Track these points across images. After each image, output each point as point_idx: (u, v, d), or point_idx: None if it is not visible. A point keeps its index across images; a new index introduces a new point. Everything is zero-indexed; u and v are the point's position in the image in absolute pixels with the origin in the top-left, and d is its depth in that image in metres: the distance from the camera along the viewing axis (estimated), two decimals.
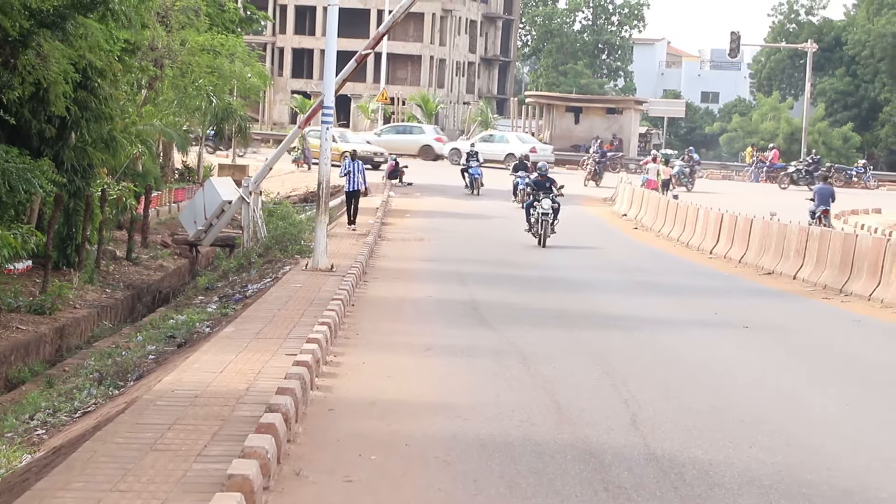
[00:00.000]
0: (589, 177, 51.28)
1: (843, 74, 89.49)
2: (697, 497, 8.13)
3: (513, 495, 8.00)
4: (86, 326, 20.95)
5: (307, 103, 68.65)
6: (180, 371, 11.18)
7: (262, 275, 22.24)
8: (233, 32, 43.74)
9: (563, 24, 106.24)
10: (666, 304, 19.24)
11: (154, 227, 33.28)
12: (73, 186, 23.66)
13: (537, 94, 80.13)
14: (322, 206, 20.72)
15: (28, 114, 21.75)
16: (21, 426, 13.16)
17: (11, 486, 8.79)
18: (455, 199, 40.52)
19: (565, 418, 10.33)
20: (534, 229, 28.16)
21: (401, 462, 8.71)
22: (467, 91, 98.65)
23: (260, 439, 7.93)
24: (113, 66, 24.07)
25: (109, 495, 7.07)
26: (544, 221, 27.91)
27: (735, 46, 66.81)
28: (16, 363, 17.60)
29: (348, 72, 25.63)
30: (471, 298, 18.63)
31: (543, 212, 27.98)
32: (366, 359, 12.85)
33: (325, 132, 21.26)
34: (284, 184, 48.69)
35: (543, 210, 27.98)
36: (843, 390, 12.64)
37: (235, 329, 13.95)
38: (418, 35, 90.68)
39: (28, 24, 19.68)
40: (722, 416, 10.80)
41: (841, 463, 9.33)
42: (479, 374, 12.31)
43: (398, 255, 24.74)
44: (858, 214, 42.80)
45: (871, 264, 21.18)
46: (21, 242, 18.68)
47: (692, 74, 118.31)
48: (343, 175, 29.55)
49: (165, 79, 37.98)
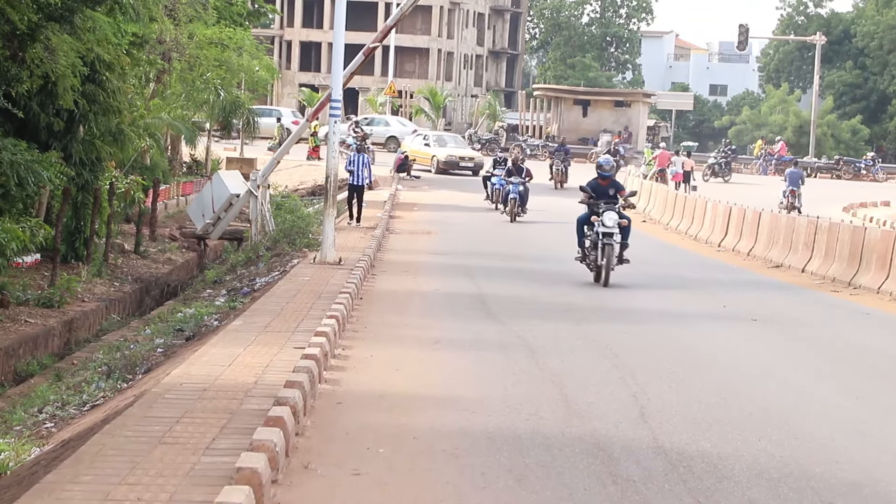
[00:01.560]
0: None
1: (851, 67, 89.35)
2: (706, 490, 8.12)
3: (521, 488, 8.00)
4: (94, 320, 20.98)
5: (315, 96, 68.63)
6: (189, 364, 11.18)
7: (271, 268, 22.24)
8: (241, 26, 43.69)
9: (571, 17, 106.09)
10: (674, 298, 19.22)
11: (162, 220, 33.30)
12: (82, 180, 23.69)
13: (545, 87, 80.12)
14: (330, 199, 20.71)
15: (36, 107, 21.78)
16: (30, 419, 13.19)
17: (20, 478, 8.80)
18: (463, 193, 40.51)
19: (573, 411, 10.32)
20: (590, 258, 19.59)
21: (409, 455, 8.71)
22: (475, 84, 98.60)
23: (268, 432, 7.93)
24: (121, 60, 24.09)
25: (118, 488, 7.08)
26: (607, 247, 19.28)
27: (743, 39, 66.73)
28: (24, 356, 17.63)
29: (356, 65, 25.62)
30: (478, 292, 18.62)
31: (606, 231, 19.28)
32: (374, 352, 12.85)
33: (332, 126, 21.25)
34: (292, 177, 48.72)
35: (606, 229, 19.29)
36: (852, 383, 12.61)
37: (244, 322, 13.95)
38: (426, 28, 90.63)
39: (36, 17, 19.68)
40: (730, 409, 10.79)
41: (850, 456, 9.31)
42: (486, 368, 12.31)
43: (406, 249, 24.73)
44: (867, 207, 42.74)
45: (880, 257, 21.14)
46: (30, 236, 18.71)
47: (700, 67, 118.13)
48: (348, 169, 28.81)
49: (173, 72, 37.97)
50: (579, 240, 19.75)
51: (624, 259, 19.57)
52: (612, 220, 19.31)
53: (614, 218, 19.34)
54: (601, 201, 19.61)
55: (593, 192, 19.81)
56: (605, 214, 19.37)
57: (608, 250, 19.21)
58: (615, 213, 19.40)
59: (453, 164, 48.25)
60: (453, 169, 48.17)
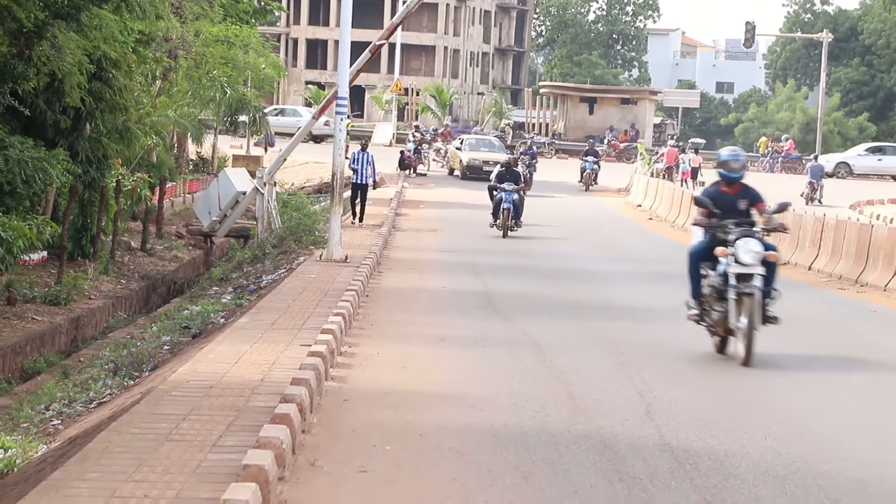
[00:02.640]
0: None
1: (858, 64, 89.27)
2: (712, 487, 8.11)
3: (527, 486, 8.00)
4: (101, 317, 21.01)
5: (321, 94, 68.74)
6: (195, 362, 11.19)
7: (277, 265, 22.26)
8: (247, 23, 43.75)
9: (577, 15, 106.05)
10: (681, 295, 19.16)
11: (169, 217, 33.35)
12: (88, 177, 23.73)
13: (551, 85, 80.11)
14: (336, 196, 20.72)
15: (43, 105, 21.82)
16: (37, 416, 13.20)
17: (28, 475, 8.82)
18: (469, 190, 40.48)
19: (580, 409, 10.32)
20: (714, 315, 12.86)
21: (415, 452, 8.71)
22: (481, 81, 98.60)
23: (275, 430, 7.94)
24: (127, 57, 24.12)
25: (125, 485, 7.09)
26: (747, 298, 12.37)
27: (750, 36, 66.62)
28: (31, 354, 17.66)
29: (362, 62, 25.64)
30: (485, 289, 18.62)
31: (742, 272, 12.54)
32: (380, 349, 12.86)
33: (338, 122, 21.25)
34: (299, 174, 48.74)
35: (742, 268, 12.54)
36: (858, 381, 12.59)
37: (250, 320, 13.97)
38: (432, 25, 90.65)
39: (43, 15, 19.72)
40: (736, 406, 10.78)
41: (856, 453, 9.30)
42: (493, 365, 12.31)
43: (412, 246, 24.73)
44: (874, 204, 42.69)
45: (887, 255, 21.11)
46: (36, 233, 18.74)
47: (707, 65, 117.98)
48: (352, 167, 28.55)
49: (180, 70, 38.02)
50: (694, 287, 13.18)
51: (770, 316, 12.67)
52: (751, 252, 12.53)
53: (756, 249, 12.57)
54: (729, 222, 12.86)
55: (718, 205, 13.03)
56: (739, 244, 12.56)
57: (749, 304, 12.31)
58: (757, 242, 12.64)
59: (477, 168, 46.47)
60: (477, 173, 46.08)
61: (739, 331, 12.50)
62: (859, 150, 60.33)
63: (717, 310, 12.80)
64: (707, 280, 13.01)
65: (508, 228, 27.01)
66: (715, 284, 12.81)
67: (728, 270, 12.60)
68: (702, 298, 13.12)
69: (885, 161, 60.00)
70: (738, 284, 12.50)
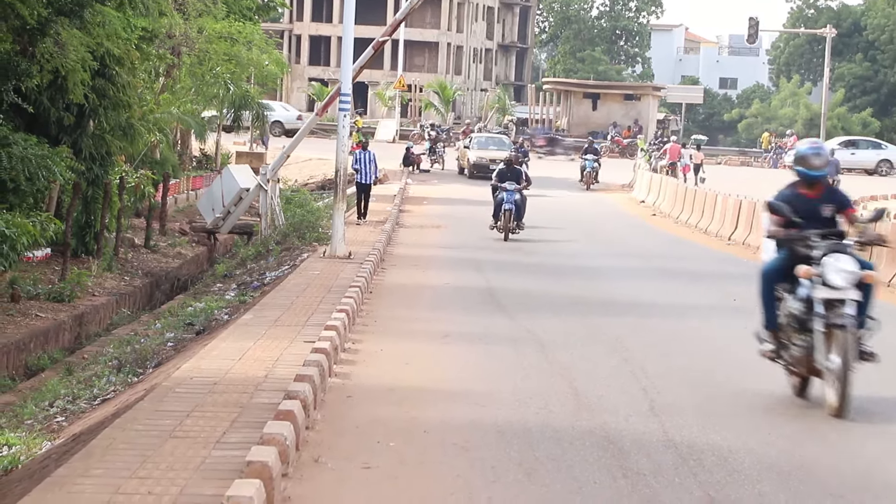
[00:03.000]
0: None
1: (861, 59, 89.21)
2: (716, 483, 8.11)
3: (531, 482, 8.00)
4: (105, 314, 21.03)
5: (324, 91, 68.70)
6: (199, 358, 11.20)
7: (280, 262, 22.27)
8: (250, 20, 43.76)
9: (580, 11, 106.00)
10: (684, 291, 19.20)
11: (172, 214, 33.35)
12: (92, 174, 23.74)
13: (555, 81, 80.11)
14: (339, 193, 20.72)
15: (46, 102, 21.84)
16: (41, 413, 13.22)
17: (32, 472, 8.83)
18: (473, 187, 40.49)
19: (583, 405, 10.31)
20: (795, 351, 10.34)
21: (419, 449, 8.71)
22: (485, 78, 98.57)
23: (279, 426, 7.94)
24: (131, 54, 24.13)
25: (129, 482, 7.09)
26: (839, 332, 9.81)
27: (753, 32, 66.56)
28: (35, 350, 17.68)
29: (365, 59, 25.63)
30: (488, 286, 18.62)
31: (831, 297, 9.97)
32: (384, 346, 12.86)
33: (342, 119, 21.26)
34: (302, 171, 48.74)
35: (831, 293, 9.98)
36: (861, 376, 12.55)
37: (254, 316, 13.97)
38: (435, 22, 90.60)
39: (46, 12, 19.72)
40: (740, 402, 10.77)
41: (860, 448, 9.29)
42: (496, 362, 12.31)
43: (416, 243, 24.73)
44: (878, 200, 42.64)
45: (890, 251, 21.06)
46: (40, 230, 18.77)
47: (710, 60, 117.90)
48: (354, 167, 28.38)
49: (183, 66, 38.04)
50: (768, 314, 10.71)
51: (866, 352, 10.21)
52: (843, 272, 9.98)
53: (849, 269, 10.00)
54: (812, 233, 10.32)
55: (794, 212, 10.44)
56: (827, 262, 10.02)
57: (842, 338, 9.81)
58: (850, 259, 10.06)
59: (482, 166, 46.07)
60: (483, 172, 45.49)
61: (830, 372, 9.91)
62: (833, 143, 60.44)
63: (799, 344, 10.24)
64: (785, 306, 10.48)
65: (510, 231, 25.48)
66: (795, 312, 10.26)
67: (813, 295, 10.05)
68: (778, 329, 10.60)
69: (858, 155, 60.18)
70: (827, 313, 9.94)
